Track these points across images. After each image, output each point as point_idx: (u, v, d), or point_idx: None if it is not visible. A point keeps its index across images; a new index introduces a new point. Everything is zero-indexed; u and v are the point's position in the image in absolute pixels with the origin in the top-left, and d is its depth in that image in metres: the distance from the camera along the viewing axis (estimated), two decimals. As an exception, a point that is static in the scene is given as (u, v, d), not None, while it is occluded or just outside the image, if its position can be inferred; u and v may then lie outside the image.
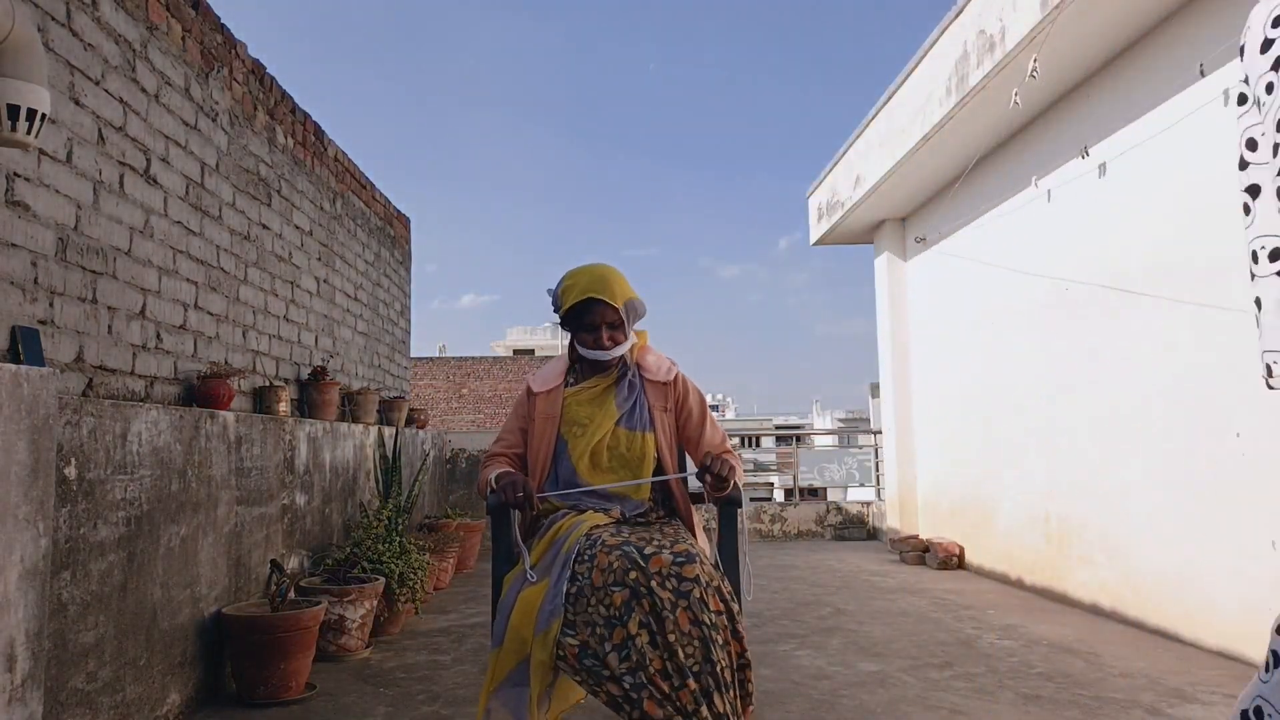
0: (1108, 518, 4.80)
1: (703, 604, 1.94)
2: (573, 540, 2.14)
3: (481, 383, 26.57)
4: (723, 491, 2.25)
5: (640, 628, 1.93)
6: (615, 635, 1.95)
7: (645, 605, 1.95)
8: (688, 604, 1.93)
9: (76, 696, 2.44)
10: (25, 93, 2.28)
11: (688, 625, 1.92)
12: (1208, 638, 4.00)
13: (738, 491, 2.34)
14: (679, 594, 1.94)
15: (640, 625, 1.94)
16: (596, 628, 1.97)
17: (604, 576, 2.00)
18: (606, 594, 1.98)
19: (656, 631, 1.92)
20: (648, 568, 1.98)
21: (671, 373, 2.52)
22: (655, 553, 2.02)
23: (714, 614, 1.96)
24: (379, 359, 6.70)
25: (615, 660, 1.93)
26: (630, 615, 1.95)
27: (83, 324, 2.96)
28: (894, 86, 6.53)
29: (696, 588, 1.95)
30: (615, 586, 1.98)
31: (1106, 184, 4.84)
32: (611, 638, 1.95)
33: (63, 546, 2.38)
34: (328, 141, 5.57)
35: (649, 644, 1.92)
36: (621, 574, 1.99)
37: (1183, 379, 4.21)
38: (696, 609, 1.93)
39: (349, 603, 3.88)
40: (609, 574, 2.00)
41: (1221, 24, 3.94)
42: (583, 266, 2.49)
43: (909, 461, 7.91)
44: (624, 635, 1.94)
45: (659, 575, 1.97)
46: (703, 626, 1.92)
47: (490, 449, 2.57)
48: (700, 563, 2.01)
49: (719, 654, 1.92)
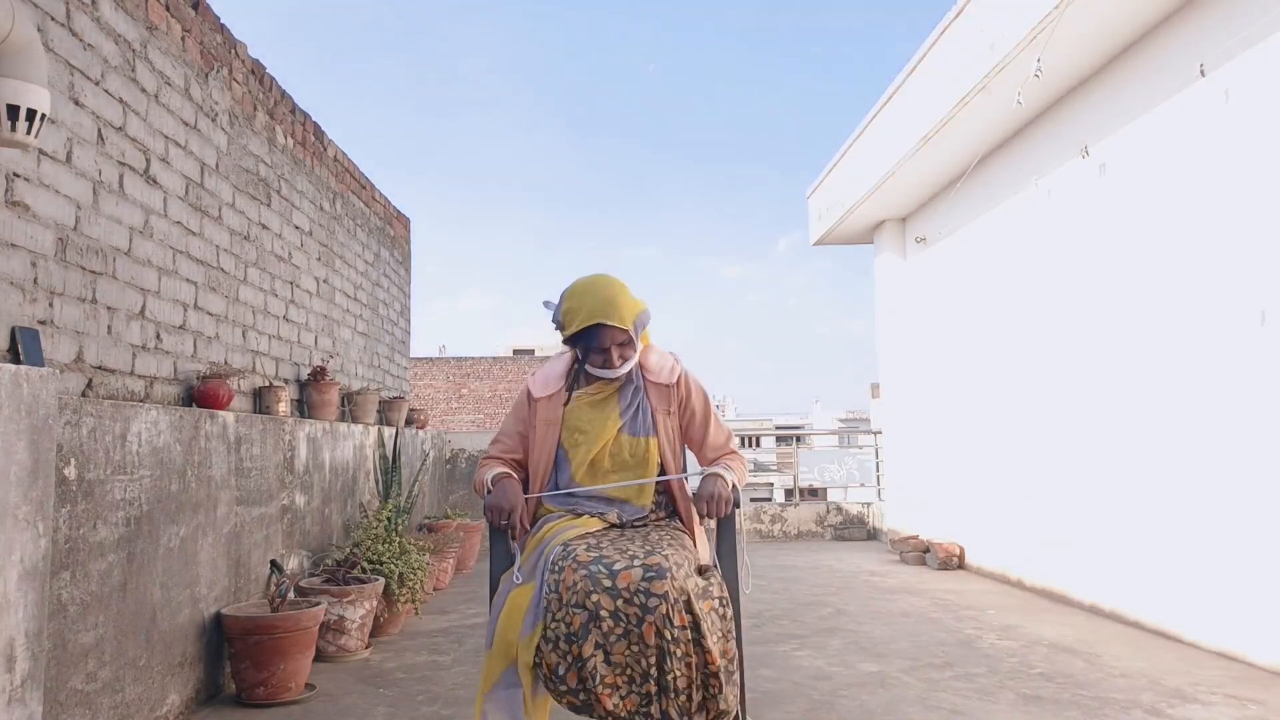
0: (1108, 518, 4.80)
1: (667, 620, 1.95)
2: (553, 546, 2.14)
3: (481, 383, 26.57)
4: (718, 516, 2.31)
5: (595, 649, 1.95)
6: (573, 650, 1.97)
7: (604, 628, 1.96)
8: (653, 619, 1.95)
9: (76, 697, 2.44)
10: (25, 93, 2.28)
11: (652, 638, 1.95)
12: (1208, 638, 4.00)
13: (737, 492, 2.33)
14: (645, 610, 1.95)
15: (595, 647, 1.96)
16: (560, 641, 1.99)
17: (568, 594, 2.01)
18: (568, 613, 1.99)
19: (614, 651, 1.96)
20: (615, 585, 1.98)
21: (675, 373, 2.45)
22: (626, 568, 2.01)
23: (677, 629, 1.96)
24: (379, 359, 6.70)
25: (574, 676, 1.97)
26: (586, 638, 1.96)
27: (82, 324, 2.95)
28: (894, 86, 6.52)
29: (664, 604, 1.95)
30: (575, 608, 1.99)
31: (1106, 184, 4.84)
32: (570, 652, 1.98)
33: (62, 547, 2.38)
34: (327, 141, 5.57)
35: (603, 663, 1.96)
36: (583, 595, 1.98)
37: (1183, 378, 4.21)
38: (660, 624, 1.94)
39: (349, 603, 3.88)
40: (572, 593, 2.00)
41: (1221, 24, 3.94)
42: (584, 284, 2.37)
43: (909, 461, 7.90)
44: (579, 653, 1.96)
45: (626, 592, 1.97)
46: (665, 640, 1.95)
47: (488, 450, 2.54)
48: (671, 577, 1.99)
49: (675, 665, 1.95)
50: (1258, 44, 3.73)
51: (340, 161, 5.83)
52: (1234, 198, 3.90)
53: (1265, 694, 3.31)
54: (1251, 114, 3.80)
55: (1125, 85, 4.68)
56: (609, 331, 2.31)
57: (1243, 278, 3.83)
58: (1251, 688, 3.40)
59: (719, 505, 2.26)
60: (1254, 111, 3.78)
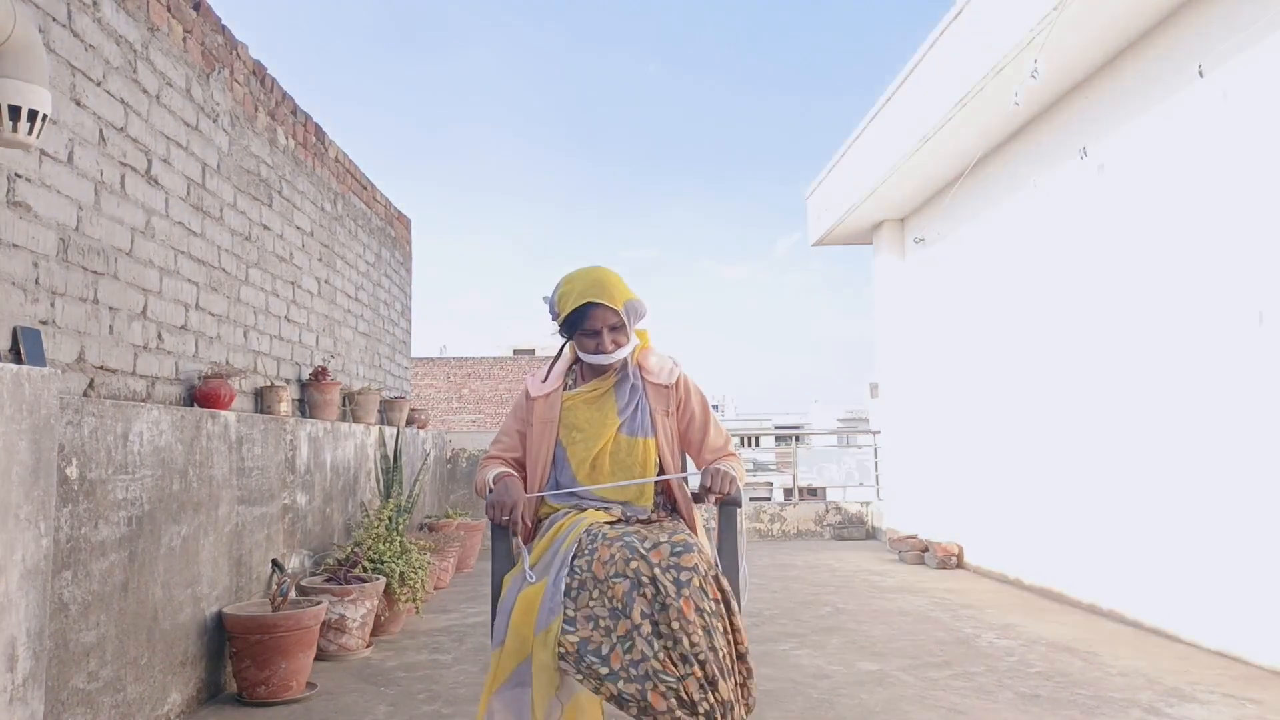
0: (1107, 517, 4.81)
1: (703, 592, 1.98)
2: (571, 538, 2.15)
3: (482, 383, 26.59)
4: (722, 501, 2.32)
5: (643, 617, 1.95)
6: (620, 627, 1.96)
7: (648, 595, 1.96)
8: (689, 593, 1.96)
9: (77, 696, 2.45)
10: (26, 93, 2.29)
11: (691, 614, 1.94)
12: (1207, 637, 4.01)
13: (738, 491, 2.35)
14: (679, 583, 1.97)
15: (643, 615, 1.95)
16: (600, 621, 1.98)
17: (605, 568, 2.03)
18: (608, 585, 2.00)
19: (660, 621, 1.94)
20: (649, 557, 2.01)
21: (674, 375, 2.48)
22: (654, 545, 2.05)
23: (713, 603, 1.99)
24: (380, 359, 6.71)
25: (619, 655, 1.94)
26: (633, 605, 1.96)
27: (84, 324, 2.96)
28: (894, 87, 6.53)
29: (695, 576, 1.98)
30: (616, 578, 2.00)
31: (1106, 184, 4.85)
32: (616, 629, 1.96)
33: (64, 546, 2.39)
34: (329, 142, 5.58)
35: (653, 633, 1.94)
36: (623, 564, 2.01)
37: (1182, 378, 4.22)
38: (697, 598, 1.96)
39: (350, 602, 3.89)
40: (610, 565, 2.02)
41: (1221, 24, 3.95)
42: (578, 271, 2.43)
43: (908, 461, 7.91)
44: (628, 627, 1.95)
45: (660, 565, 1.99)
46: (704, 615, 1.95)
47: (488, 451, 2.56)
48: (699, 551, 2.05)
49: (720, 641, 1.95)
50: (1256, 44, 3.74)
51: (341, 162, 5.83)
52: (1232, 198, 3.91)
53: (1263, 693, 3.32)
54: (1250, 114, 3.81)
55: (1124, 86, 4.69)
56: (600, 311, 2.35)
57: (1241, 278, 3.84)
58: (1250, 687, 3.40)
59: (724, 482, 2.26)
60: (1253, 112, 3.79)
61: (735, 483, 2.30)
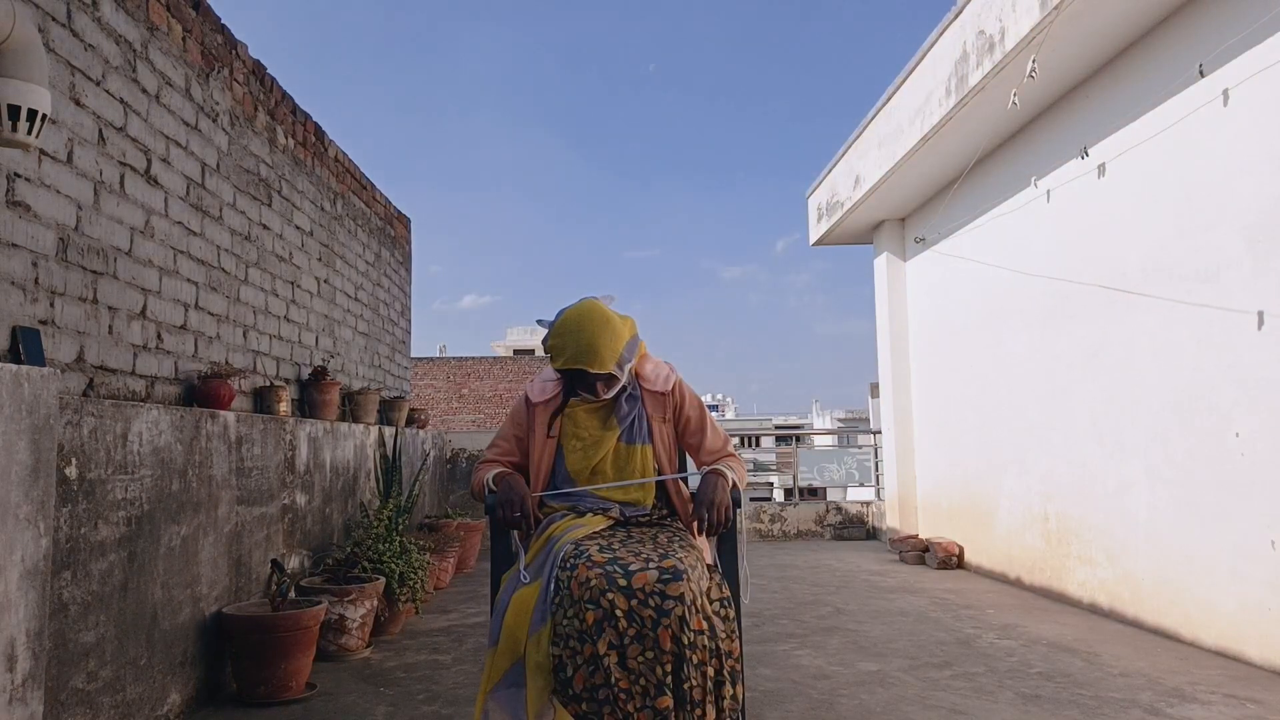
0: (1107, 517, 4.81)
1: (683, 622, 1.93)
2: (560, 545, 2.14)
3: (482, 383, 26.57)
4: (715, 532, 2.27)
5: (610, 649, 1.93)
6: (585, 649, 1.95)
7: (619, 628, 1.94)
8: (669, 622, 1.92)
9: (77, 696, 2.45)
10: (26, 93, 2.28)
11: (669, 644, 1.92)
12: (1206, 637, 4.00)
13: (737, 492, 2.35)
14: (661, 612, 1.93)
15: (611, 646, 1.93)
16: (569, 641, 1.98)
17: (581, 591, 1.99)
18: (581, 608, 1.98)
19: (630, 654, 1.92)
20: (630, 585, 1.96)
21: (670, 381, 2.48)
22: (641, 569, 2.00)
23: (694, 632, 1.95)
24: (379, 359, 6.71)
25: (583, 678, 1.94)
26: (600, 635, 1.94)
27: (83, 324, 2.96)
28: (893, 87, 6.53)
29: (679, 606, 1.93)
30: (589, 604, 1.97)
31: (1106, 184, 4.84)
32: (581, 651, 1.95)
33: (63, 546, 2.38)
34: (328, 142, 5.57)
35: (617, 664, 1.92)
36: (597, 594, 1.97)
37: (1181, 379, 4.21)
38: (677, 627, 1.92)
39: (349, 602, 3.89)
40: (585, 589, 1.99)
41: (1222, 24, 3.95)
42: (570, 320, 2.34)
43: (908, 461, 7.91)
44: (592, 652, 1.94)
45: (641, 593, 1.95)
46: (681, 646, 1.92)
47: (484, 455, 2.56)
48: (687, 579, 1.98)
49: (691, 673, 1.92)
50: (1257, 44, 3.74)
51: (341, 162, 5.83)
52: (1232, 198, 3.91)
53: (1264, 693, 3.32)
54: (1250, 114, 3.80)
55: (1124, 85, 4.69)
56: (591, 374, 2.34)
57: (1240, 278, 3.84)
58: (1250, 687, 3.40)
59: (719, 512, 2.23)
60: (1253, 111, 3.79)
61: (729, 510, 2.26)
